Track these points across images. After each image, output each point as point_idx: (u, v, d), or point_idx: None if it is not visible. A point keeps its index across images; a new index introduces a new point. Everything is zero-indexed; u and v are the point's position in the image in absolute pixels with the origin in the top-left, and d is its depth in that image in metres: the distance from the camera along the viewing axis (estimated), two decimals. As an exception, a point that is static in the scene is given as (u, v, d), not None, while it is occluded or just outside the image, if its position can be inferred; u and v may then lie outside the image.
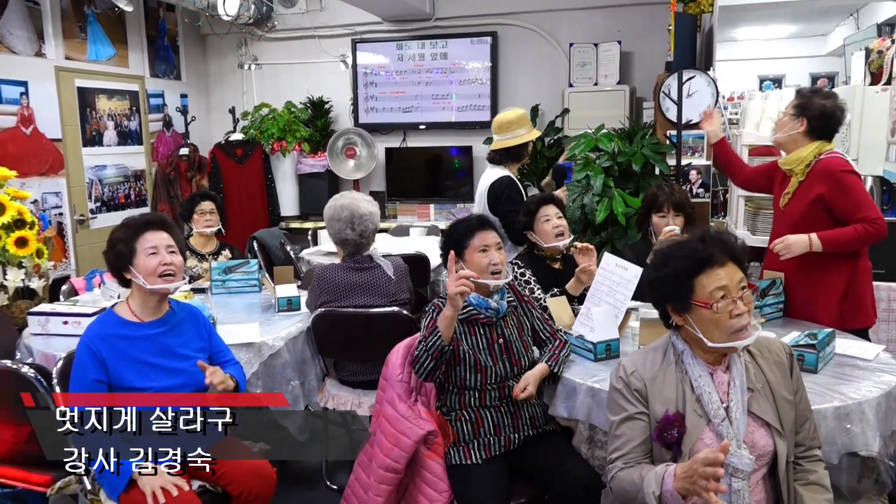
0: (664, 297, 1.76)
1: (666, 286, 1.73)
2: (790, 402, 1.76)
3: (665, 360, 1.78)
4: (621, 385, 1.79)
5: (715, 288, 1.66)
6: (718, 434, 1.69)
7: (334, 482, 3.20)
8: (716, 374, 1.75)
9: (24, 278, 3.57)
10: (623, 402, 1.77)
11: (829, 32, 6.36)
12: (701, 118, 3.46)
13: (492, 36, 6.10)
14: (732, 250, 1.70)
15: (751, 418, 1.72)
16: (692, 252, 1.70)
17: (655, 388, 1.75)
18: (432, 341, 2.18)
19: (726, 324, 1.65)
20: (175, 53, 6.43)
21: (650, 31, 5.74)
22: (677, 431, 1.68)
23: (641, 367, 1.79)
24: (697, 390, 1.72)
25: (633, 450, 1.75)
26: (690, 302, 1.68)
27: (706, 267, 1.67)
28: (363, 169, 6.29)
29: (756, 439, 1.71)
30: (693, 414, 1.71)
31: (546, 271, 2.97)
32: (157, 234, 2.29)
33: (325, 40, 6.49)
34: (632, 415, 1.76)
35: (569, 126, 5.66)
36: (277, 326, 2.98)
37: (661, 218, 3.09)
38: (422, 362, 2.21)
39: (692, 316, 1.69)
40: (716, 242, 1.70)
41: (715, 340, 1.67)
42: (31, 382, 2.27)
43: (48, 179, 4.97)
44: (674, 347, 1.79)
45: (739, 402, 1.71)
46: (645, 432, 1.75)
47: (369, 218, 3.04)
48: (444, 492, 2.22)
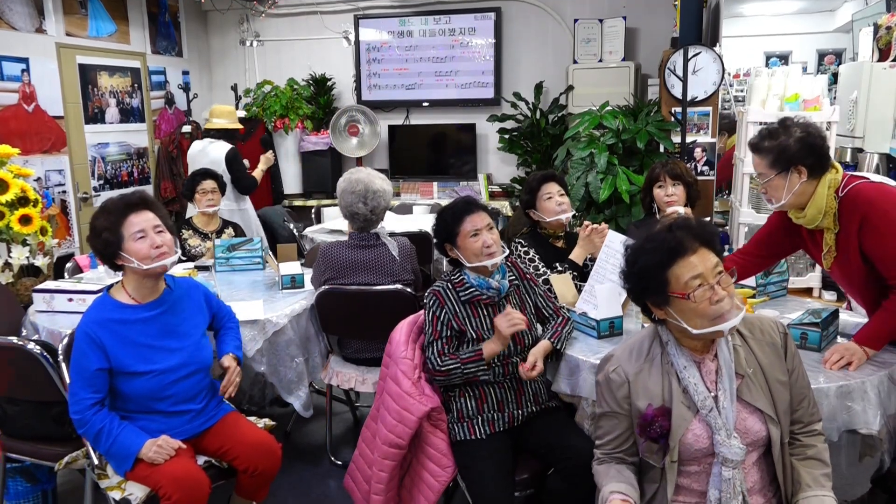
0: (641, 292, 1.72)
1: (641, 282, 1.69)
2: (784, 383, 1.73)
3: (651, 353, 1.77)
4: (602, 380, 1.80)
5: (690, 277, 1.61)
6: (707, 424, 1.68)
7: (339, 458, 3.23)
8: (703, 364, 1.72)
9: (28, 256, 3.58)
10: (603, 398, 1.81)
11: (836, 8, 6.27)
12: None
13: (496, 12, 6.04)
14: (702, 235, 1.65)
15: (742, 405, 1.70)
16: (661, 244, 1.65)
17: (640, 383, 1.73)
18: (472, 368, 2.23)
19: (708, 310, 1.61)
20: (176, 30, 6.38)
21: (656, 6, 5.68)
22: (659, 427, 1.68)
23: (626, 361, 1.77)
24: (683, 382, 1.70)
25: (609, 442, 1.81)
26: (668, 294, 1.64)
27: (677, 257, 1.62)
28: (366, 146, 6.27)
29: (749, 426, 1.69)
30: (680, 406, 1.69)
31: (549, 250, 2.96)
32: (141, 216, 2.20)
33: (327, 16, 6.44)
34: (607, 412, 1.79)
35: (573, 103, 5.62)
36: (281, 304, 3.00)
37: (660, 188, 3.11)
38: (451, 378, 2.25)
39: (673, 308, 1.65)
40: (683, 230, 1.65)
41: (699, 328, 1.63)
42: (38, 359, 2.29)
43: (51, 157, 4.97)
44: (660, 338, 1.77)
45: (727, 390, 1.68)
46: (620, 428, 1.78)
47: (382, 195, 3.04)
48: (448, 467, 2.24)
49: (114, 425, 2.15)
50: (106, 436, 2.13)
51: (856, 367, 2.08)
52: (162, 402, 2.24)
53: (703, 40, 4.46)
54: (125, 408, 2.22)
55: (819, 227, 2.20)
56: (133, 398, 2.21)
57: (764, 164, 2.18)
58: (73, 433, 2.29)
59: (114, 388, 2.20)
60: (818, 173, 2.13)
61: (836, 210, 2.14)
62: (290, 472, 3.12)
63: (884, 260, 2.09)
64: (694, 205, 3.15)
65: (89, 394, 2.13)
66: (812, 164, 2.11)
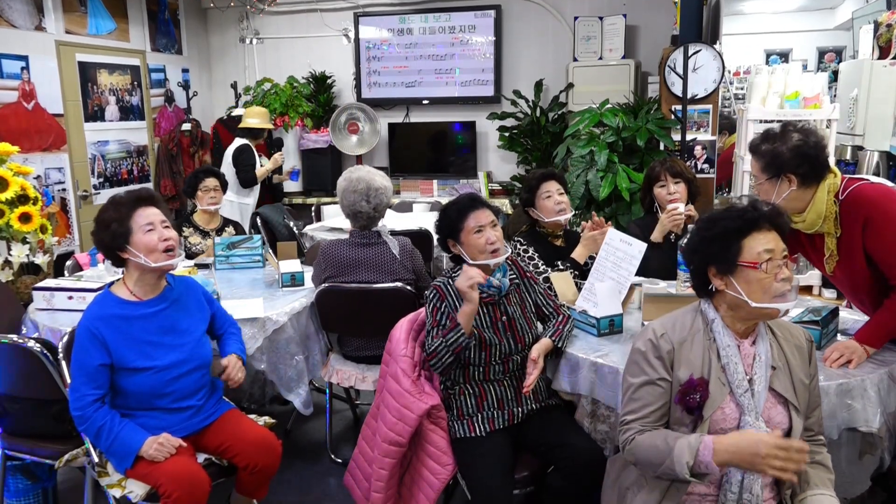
0: (709, 258, 1.75)
1: (713, 246, 1.73)
2: (805, 385, 1.79)
3: (694, 326, 1.79)
4: (648, 347, 1.78)
5: (763, 249, 1.67)
6: (739, 405, 1.71)
7: (339, 456, 3.24)
8: (742, 347, 1.76)
9: (28, 254, 3.58)
10: (645, 366, 1.77)
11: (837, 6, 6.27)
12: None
13: (496, 9, 6.03)
14: (776, 220, 1.72)
15: (770, 394, 1.74)
16: (741, 213, 1.72)
17: (683, 352, 1.76)
18: (453, 337, 2.20)
19: (772, 286, 1.67)
20: (176, 27, 6.37)
21: (656, 4, 5.67)
22: (700, 396, 1.70)
23: (671, 329, 1.79)
24: (724, 359, 1.74)
25: (650, 414, 1.75)
26: (737, 263, 1.69)
27: (754, 229, 1.69)
28: (366, 144, 6.26)
29: (772, 415, 1.74)
30: (717, 382, 1.72)
31: (548, 248, 2.96)
32: (149, 210, 2.24)
33: (327, 14, 6.43)
34: (653, 380, 1.76)
35: (573, 101, 5.62)
36: (281, 301, 2.99)
37: (662, 188, 3.09)
38: (440, 357, 2.22)
39: (737, 278, 1.70)
40: (762, 209, 1.72)
41: (759, 301, 1.68)
42: (38, 357, 2.29)
43: (51, 155, 4.97)
44: (703, 315, 1.80)
45: (763, 376, 1.73)
46: (662, 398, 1.76)
47: (383, 192, 3.05)
48: (448, 465, 2.24)
49: (115, 422, 2.15)
50: (107, 433, 2.13)
51: (856, 365, 2.08)
52: (162, 399, 2.24)
53: (704, 38, 4.46)
54: (126, 405, 2.22)
55: (819, 231, 2.19)
56: (133, 395, 2.21)
57: (757, 168, 2.19)
58: (73, 431, 2.29)
59: (114, 385, 2.20)
60: (812, 182, 2.11)
61: (836, 214, 2.13)
62: (290, 470, 3.12)
63: (886, 260, 2.08)
64: (695, 201, 3.14)
65: (91, 390, 2.13)
66: (805, 172, 2.09)
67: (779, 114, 3.64)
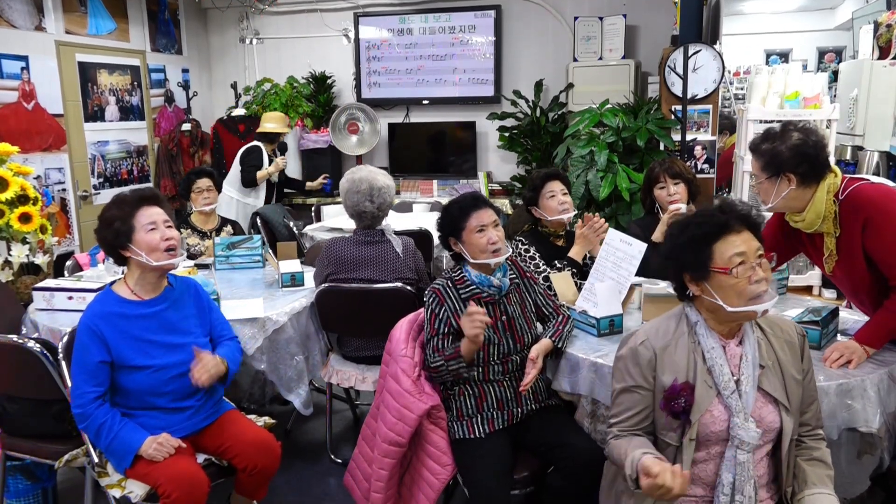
0: (682, 265, 1.75)
1: (684, 254, 1.73)
2: (798, 382, 1.77)
3: (678, 330, 1.79)
4: (628, 354, 1.79)
5: (733, 254, 1.66)
6: (727, 406, 1.70)
7: (339, 456, 3.24)
8: (728, 348, 1.75)
9: (28, 254, 3.58)
10: (624, 373, 1.79)
11: (837, 6, 6.26)
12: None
13: (496, 9, 6.03)
14: (748, 218, 1.71)
15: (759, 394, 1.73)
16: (709, 219, 1.71)
17: (666, 357, 1.75)
18: (454, 365, 2.22)
19: (745, 289, 1.65)
20: (176, 27, 6.37)
21: (656, 4, 5.67)
22: (684, 401, 1.70)
23: (654, 335, 1.79)
24: (709, 361, 1.73)
25: (628, 419, 1.78)
26: (709, 269, 1.68)
27: (724, 233, 1.68)
28: (366, 144, 6.26)
29: (763, 415, 1.72)
30: (703, 385, 1.72)
31: (549, 248, 2.96)
32: (152, 209, 2.26)
33: (326, 14, 6.43)
34: (629, 386, 1.77)
35: (573, 101, 5.61)
36: (281, 302, 2.99)
37: (662, 189, 3.09)
38: (441, 374, 2.26)
39: (711, 283, 1.69)
40: (732, 210, 1.71)
41: (734, 306, 1.67)
42: (38, 357, 2.29)
43: (51, 155, 4.97)
44: (687, 318, 1.80)
45: (750, 376, 1.72)
46: (641, 404, 1.76)
47: (387, 191, 3.05)
48: (448, 465, 2.24)
49: (115, 421, 2.15)
50: (107, 431, 2.14)
51: (855, 366, 2.08)
52: (161, 398, 2.24)
53: (704, 38, 4.46)
54: (125, 404, 2.22)
55: (818, 231, 2.18)
56: (133, 393, 2.21)
57: (757, 167, 2.19)
58: (73, 431, 2.29)
59: (114, 384, 2.20)
60: (812, 181, 2.11)
61: (835, 214, 2.13)
62: (289, 471, 3.12)
63: (886, 260, 2.08)
64: (695, 200, 3.14)
65: (92, 387, 2.14)
66: (804, 171, 2.09)
67: (779, 114, 3.64)
